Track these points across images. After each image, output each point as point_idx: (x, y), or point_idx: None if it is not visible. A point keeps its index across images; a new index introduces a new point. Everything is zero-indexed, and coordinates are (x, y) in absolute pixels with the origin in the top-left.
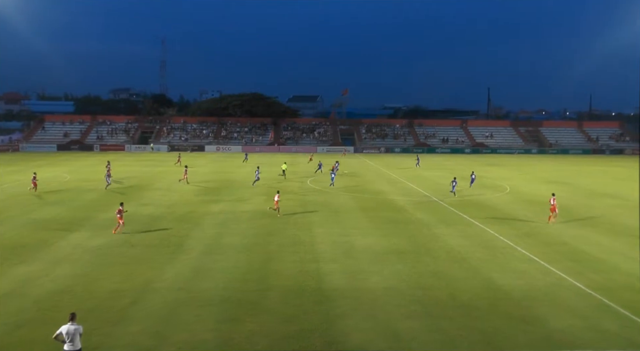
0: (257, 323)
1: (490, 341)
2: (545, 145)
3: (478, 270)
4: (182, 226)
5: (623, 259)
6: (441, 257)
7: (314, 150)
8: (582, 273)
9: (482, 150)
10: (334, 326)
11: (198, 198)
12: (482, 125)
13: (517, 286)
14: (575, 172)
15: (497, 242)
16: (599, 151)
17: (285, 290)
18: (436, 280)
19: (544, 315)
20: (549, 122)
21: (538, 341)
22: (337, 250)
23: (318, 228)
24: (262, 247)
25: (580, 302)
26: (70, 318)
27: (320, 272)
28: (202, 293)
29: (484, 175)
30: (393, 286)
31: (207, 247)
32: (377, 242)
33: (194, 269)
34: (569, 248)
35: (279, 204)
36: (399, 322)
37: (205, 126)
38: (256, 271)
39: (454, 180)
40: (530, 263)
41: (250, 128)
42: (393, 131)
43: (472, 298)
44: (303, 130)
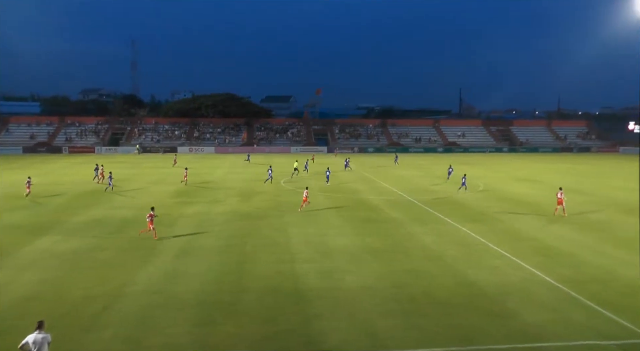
0: (234, 326)
1: (466, 337)
2: (515, 144)
3: (453, 267)
4: (156, 228)
5: (591, 253)
6: (416, 255)
7: (287, 151)
8: (552, 267)
9: (454, 149)
10: (311, 326)
11: (172, 200)
12: (454, 125)
13: (491, 282)
14: (545, 169)
15: (471, 239)
16: (567, 149)
17: (262, 292)
18: (412, 278)
19: (517, 309)
20: (520, 122)
21: (512, 334)
22: (313, 250)
23: (293, 228)
24: (238, 249)
25: (551, 296)
26: (37, 326)
27: (297, 273)
28: (177, 297)
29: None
30: (369, 285)
31: (181, 250)
32: (353, 241)
33: (168, 272)
34: (539, 243)
35: (307, 199)
36: (376, 321)
37: (178, 127)
38: (232, 273)
39: (464, 176)
40: (503, 260)
41: (223, 129)
42: (366, 131)
43: (447, 295)
44: (276, 130)
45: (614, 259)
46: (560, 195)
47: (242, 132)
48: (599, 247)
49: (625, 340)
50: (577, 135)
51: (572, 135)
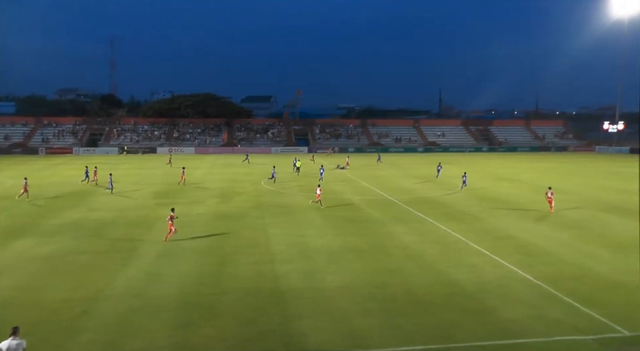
0: (214, 327)
1: (446, 335)
2: (495, 143)
3: (433, 266)
4: (135, 230)
5: (568, 250)
6: (396, 254)
7: (267, 151)
8: (530, 265)
9: (434, 148)
10: (291, 326)
11: (151, 201)
12: (434, 125)
13: (470, 280)
14: (524, 168)
15: (451, 238)
16: (545, 148)
17: (242, 293)
18: (392, 277)
19: (497, 306)
20: (499, 121)
21: (491, 332)
22: (293, 251)
23: (273, 228)
24: (217, 250)
25: (529, 293)
26: (11, 332)
27: (277, 273)
28: (157, 299)
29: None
30: (349, 284)
31: (160, 252)
32: (333, 241)
33: (148, 275)
34: (518, 241)
35: (320, 197)
36: (356, 320)
37: (157, 127)
38: (212, 274)
39: (464, 175)
40: (482, 257)
41: (203, 129)
42: (347, 131)
43: (427, 293)
44: (257, 130)
45: (590, 256)
46: (550, 194)
47: (222, 132)
48: (576, 244)
49: (601, 335)
50: (555, 135)
51: (550, 134)
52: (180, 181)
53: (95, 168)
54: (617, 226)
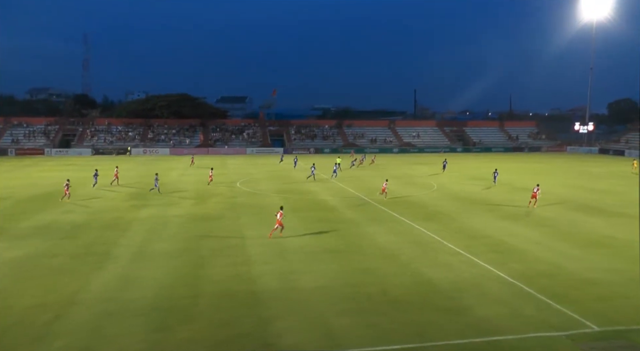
0: (190, 331)
1: (422, 334)
2: (469, 144)
3: (408, 266)
4: (109, 233)
5: (541, 248)
6: (372, 254)
7: (243, 152)
8: (504, 263)
9: (409, 149)
10: (267, 328)
11: (125, 203)
12: (409, 126)
13: (445, 279)
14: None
15: (426, 238)
16: (518, 149)
17: (218, 295)
18: (368, 277)
19: (471, 304)
20: (473, 122)
21: (466, 330)
22: (269, 252)
23: (249, 230)
24: (193, 252)
25: (503, 291)
26: None
27: (252, 275)
28: (131, 303)
29: (412, 174)
30: (325, 285)
31: (135, 255)
32: (308, 241)
33: (122, 278)
34: (492, 240)
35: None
36: (332, 320)
37: (131, 128)
38: (187, 277)
39: (495, 171)
40: (457, 257)
41: (178, 130)
42: (322, 132)
43: (403, 292)
44: (232, 131)
45: (562, 254)
46: (536, 190)
47: (197, 133)
48: (548, 243)
49: (572, 331)
50: (528, 135)
51: (524, 135)
52: (210, 182)
53: (117, 168)
54: (587, 224)
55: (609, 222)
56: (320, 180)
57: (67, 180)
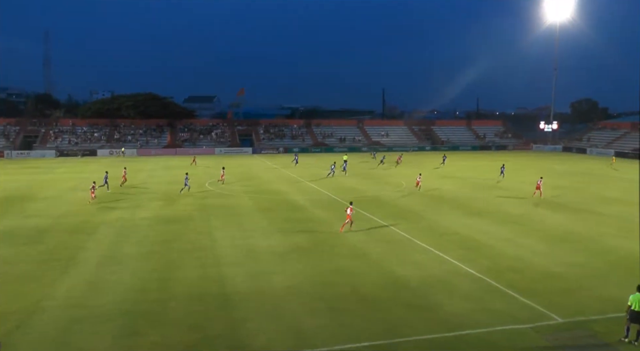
0: (159, 335)
1: (392, 331)
2: (437, 143)
3: (378, 264)
4: (75, 237)
5: (508, 244)
6: (342, 253)
7: (211, 152)
8: (473, 259)
9: (378, 148)
10: (238, 330)
11: (91, 206)
12: (378, 125)
13: (415, 276)
14: (465, 166)
15: (396, 236)
16: (486, 147)
17: (188, 298)
18: (338, 276)
19: (441, 301)
20: (441, 121)
21: (436, 325)
22: (239, 253)
23: (218, 231)
24: (162, 255)
25: (472, 286)
26: None
27: (223, 276)
28: (99, 308)
29: (382, 173)
30: (296, 285)
31: (103, 258)
32: (279, 242)
33: (89, 283)
34: (461, 237)
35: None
36: (303, 320)
37: (97, 129)
38: (156, 280)
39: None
40: (426, 254)
41: (145, 130)
42: (291, 131)
43: (373, 291)
44: (200, 131)
45: (528, 249)
46: (539, 182)
47: (164, 133)
48: (515, 238)
49: (538, 323)
50: (495, 134)
51: (491, 134)
52: (220, 180)
53: (125, 169)
54: (552, 220)
55: (572, 218)
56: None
57: (93, 182)
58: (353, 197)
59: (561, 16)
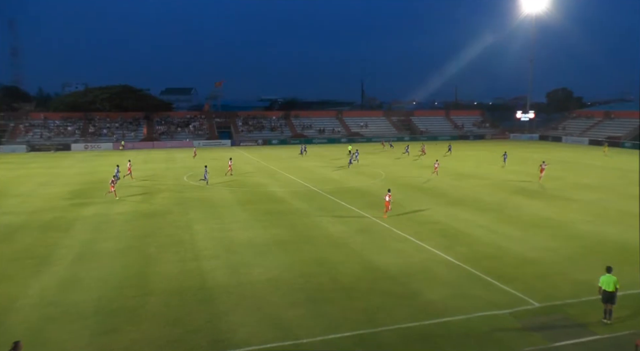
0: (139, 331)
1: (372, 319)
2: (416, 133)
3: (358, 253)
4: (49, 234)
5: (486, 232)
6: (322, 244)
7: (190, 145)
8: (451, 247)
9: (357, 139)
10: (219, 323)
11: (66, 202)
12: (357, 116)
13: (394, 264)
14: (444, 156)
15: (375, 226)
16: (464, 137)
17: (167, 293)
18: (318, 267)
19: (420, 288)
20: (420, 112)
21: (416, 313)
22: (218, 246)
23: (197, 225)
24: (140, 250)
25: (451, 273)
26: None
27: (202, 270)
28: (75, 306)
29: (361, 163)
30: (276, 277)
31: (79, 255)
32: (258, 234)
33: (65, 281)
34: (439, 226)
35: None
36: (283, 312)
37: (71, 122)
38: (135, 276)
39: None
40: (405, 243)
41: (121, 124)
42: (270, 123)
43: (353, 280)
44: (178, 124)
45: (504, 236)
46: (543, 165)
47: (141, 126)
48: (492, 226)
49: (515, 308)
50: (473, 124)
51: (469, 123)
52: (228, 171)
53: (130, 163)
54: (528, 208)
55: (547, 205)
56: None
57: (113, 176)
58: (332, 187)
59: (537, 7)
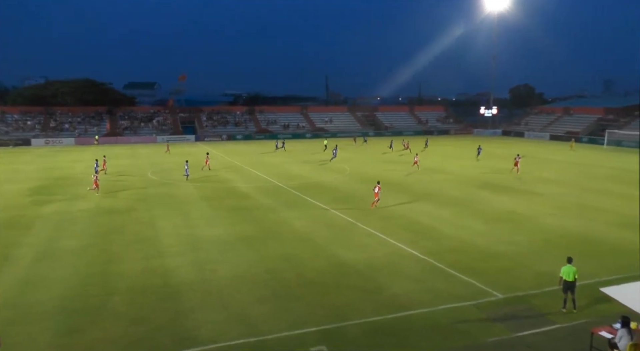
0: (102, 331)
1: (338, 314)
2: (381, 128)
3: (324, 249)
4: (7, 233)
5: (450, 226)
6: (288, 240)
7: (154, 141)
8: (416, 241)
9: (322, 134)
10: (184, 321)
11: (26, 199)
12: (321, 111)
13: (360, 259)
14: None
15: (340, 221)
16: (428, 132)
17: (130, 291)
18: (284, 263)
19: (385, 282)
20: (384, 107)
21: (381, 307)
22: (183, 243)
23: (162, 221)
24: (103, 248)
25: (415, 267)
26: None
27: (167, 267)
28: (35, 307)
29: (324, 159)
30: (242, 273)
31: (39, 254)
32: (224, 230)
33: (24, 281)
34: (404, 220)
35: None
36: (250, 309)
37: (30, 116)
38: (97, 274)
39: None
40: (370, 238)
41: (83, 118)
42: (234, 118)
43: (319, 275)
44: (141, 119)
45: (469, 230)
46: (518, 158)
47: (104, 121)
48: (456, 220)
49: (479, 300)
50: (437, 119)
51: (433, 119)
52: (205, 166)
53: (104, 158)
54: (491, 201)
55: (511, 199)
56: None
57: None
58: (297, 183)
59: (499, 5)
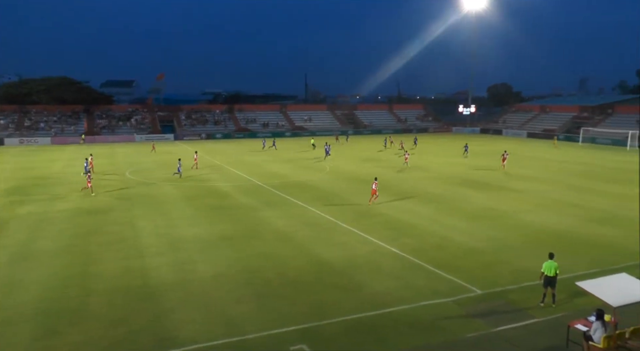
0: (81, 333)
1: (318, 312)
2: (360, 126)
3: (304, 247)
4: None
5: (430, 223)
6: (268, 239)
7: (132, 139)
8: (396, 239)
9: (301, 133)
10: (164, 322)
11: (1, 199)
12: (300, 110)
13: (340, 257)
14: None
15: (320, 219)
16: (407, 130)
17: (110, 292)
18: (265, 262)
19: (366, 280)
20: (363, 106)
21: (361, 304)
22: (163, 243)
23: (141, 221)
24: (81, 249)
25: (395, 265)
26: None
27: (146, 268)
28: (12, 310)
29: (304, 157)
30: (223, 273)
31: (15, 255)
32: (204, 230)
33: (1, 283)
34: (385, 218)
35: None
36: (230, 308)
37: (4, 115)
38: (76, 276)
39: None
40: (351, 236)
41: (59, 117)
42: (213, 117)
43: (299, 274)
44: (119, 117)
45: (449, 227)
46: (505, 155)
47: (81, 120)
48: (437, 217)
49: (459, 296)
50: (416, 118)
51: (412, 117)
52: (194, 165)
53: (91, 157)
54: (472, 199)
55: (490, 196)
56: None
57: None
58: (277, 182)
59: (478, 5)
